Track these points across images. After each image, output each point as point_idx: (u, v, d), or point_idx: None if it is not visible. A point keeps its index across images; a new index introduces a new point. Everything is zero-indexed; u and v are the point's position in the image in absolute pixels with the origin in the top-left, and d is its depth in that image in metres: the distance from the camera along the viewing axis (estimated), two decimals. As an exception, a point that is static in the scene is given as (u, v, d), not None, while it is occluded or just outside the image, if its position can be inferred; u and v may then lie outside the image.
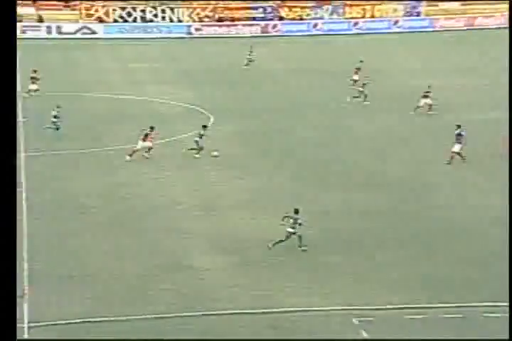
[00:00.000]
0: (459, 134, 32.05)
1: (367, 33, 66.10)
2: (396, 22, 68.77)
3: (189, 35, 64.58)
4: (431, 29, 68.18)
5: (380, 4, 69.86)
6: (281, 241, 23.75)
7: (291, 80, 48.43)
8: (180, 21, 65.92)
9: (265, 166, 32.31)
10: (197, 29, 65.38)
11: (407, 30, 67.72)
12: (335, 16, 68.33)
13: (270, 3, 67.96)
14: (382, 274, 22.50)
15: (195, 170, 31.90)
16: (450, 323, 19.74)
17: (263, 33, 65.75)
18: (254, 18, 66.51)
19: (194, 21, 66.10)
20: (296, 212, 23.93)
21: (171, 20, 65.66)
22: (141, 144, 32.69)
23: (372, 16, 69.22)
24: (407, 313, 20.20)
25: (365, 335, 19.29)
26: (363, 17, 68.74)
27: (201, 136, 33.13)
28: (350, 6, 68.86)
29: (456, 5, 71.67)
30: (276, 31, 66.21)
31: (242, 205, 28.02)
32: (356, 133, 36.98)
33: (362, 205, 27.74)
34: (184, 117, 39.93)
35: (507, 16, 67.71)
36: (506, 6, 69.13)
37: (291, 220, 23.75)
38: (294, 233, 23.74)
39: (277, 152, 34.10)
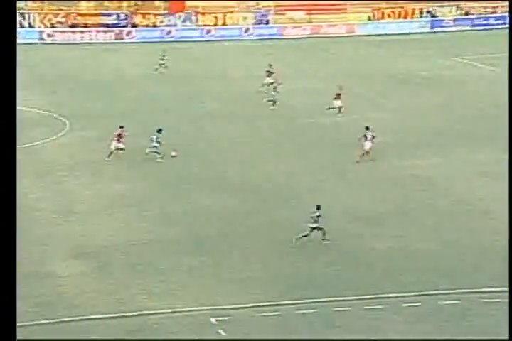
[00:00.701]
0: (365, 135, 33.00)
1: (219, 39, 66.70)
2: (247, 30, 69.74)
3: (41, 41, 63.17)
4: (279, 37, 69.51)
5: (231, 12, 70.71)
6: (305, 236, 24.42)
7: (148, 86, 48.29)
8: (31, 27, 64.38)
9: (124, 171, 32.09)
10: (49, 35, 64.02)
11: (257, 38, 68.79)
12: (188, 24, 68.68)
13: (123, 10, 67.54)
14: (238, 274, 22.77)
15: (53, 176, 31.32)
16: (304, 319, 20.21)
17: (117, 39, 65.17)
18: (107, 25, 65.82)
19: (46, 27, 64.74)
20: (318, 207, 24.62)
21: (22, 26, 63.94)
22: (115, 145, 32.64)
23: (224, 24, 69.96)
24: (262, 311, 20.54)
25: (223, 334, 19.52)
26: (216, 25, 69.37)
27: (158, 141, 32.64)
28: (203, 14, 69.39)
29: (302, 14, 73.46)
30: (130, 38, 65.80)
31: (100, 210, 27.75)
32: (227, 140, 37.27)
33: (219, 207, 27.98)
34: (39, 123, 39.06)
35: (352, 25, 70.07)
36: (347, 15, 71.58)
37: (314, 216, 24.45)
38: (315, 228, 24.41)
39: (136, 156, 33.93)
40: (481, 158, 33.33)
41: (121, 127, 33.29)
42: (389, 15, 74.46)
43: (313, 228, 24.57)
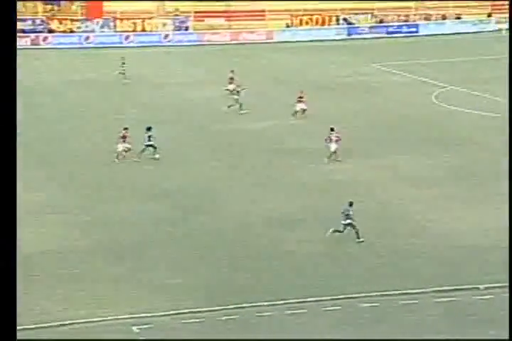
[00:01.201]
0: (330, 137, 33.44)
1: (138, 46, 66.18)
2: (166, 36, 69.38)
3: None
4: (199, 43, 69.37)
5: (150, 18, 70.26)
6: (339, 231, 24.85)
7: (67, 92, 47.57)
8: None
9: (41, 177, 31.49)
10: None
11: (177, 44, 68.52)
12: (106, 29, 67.92)
13: (39, 16, 66.41)
14: (160, 281, 22.47)
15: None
16: (226, 325, 20.06)
17: (33, 45, 64.02)
18: (23, 31, 64.58)
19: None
20: (351, 204, 25.01)
21: None
22: (122, 146, 33.40)
23: (143, 30, 69.46)
24: (185, 318, 20.30)
25: (144, 342, 19.25)
26: (134, 30, 68.83)
27: (150, 138, 33.46)
28: (121, 19, 68.78)
29: (221, 21, 73.50)
30: (47, 43, 64.72)
31: (22, 218, 27.00)
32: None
33: (143, 214, 27.63)
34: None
35: (271, 32, 70.40)
36: (266, 22, 71.89)
37: (346, 213, 24.84)
38: (348, 224, 24.82)
39: (53, 162, 33.39)
40: (399, 163, 33.75)
41: (126, 128, 33.81)
42: (306, 22, 75.15)
43: (346, 224, 24.90)
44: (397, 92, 48.86)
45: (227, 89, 44.88)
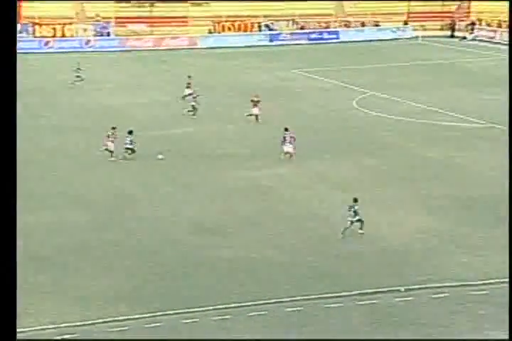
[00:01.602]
0: (284, 138, 34.39)
1: (59, 51, 65.32)
2: (88, 41, 68.66)
3: None
4: (121, 49, 68.87)
5: (70, 24, 69.47)
6: (347, 228, 25.64)
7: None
8: None
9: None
10: None
11: (99, 50, 67.89)
12: (24, 35, 66.78)
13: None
14: (84, 290, 22.16)
15: None
16: (151, 332, 19.91)
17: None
18: None
19: None
20: (355, 200, 25.84)
21: None
22: (111, 145, 34.53)
23: (63, 36, 68.58)
24: (110, 326, 20.04)
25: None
26: (54, 36, 67.91)
27: (131, 142, 34.51)
28: (40, 25, 67.76)
29: (143, 27, 73.16)
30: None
31: None
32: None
33: (68, 222, 27.23)
34: None
35: (194, 38, 70.37)
36: (188, 28, 71.79)
37: (352, 209, 25.70)
38: (358, 220, 25.62)
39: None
40: (324, 168, 34.07)
41: (114, 128, 34.88)
42: (229, 28, 75.39)
43: (357, 220, 25.67)
44: (320, 98, 49.36)
45: (184, 94, 45.27)
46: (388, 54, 68.80)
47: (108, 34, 71.15)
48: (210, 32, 74.64)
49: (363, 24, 79.40)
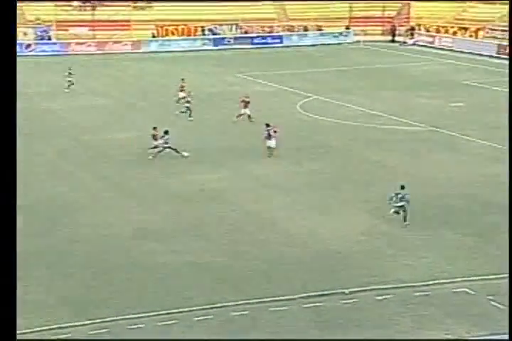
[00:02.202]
0: (269, 134, 35.49)
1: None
2: (28, 46, 67.79)
3: None
4: (63, 53, 68.17)
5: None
6: (397, 213, 26.81)
7: None
8: None
9: None
10: None
11: (40, 54, 67.08)
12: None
13: None
14: (25, 297, 21.81)
15: None
16: (97, 339, 19.71)
17: None
18: None
19: None
20: (402, 187, 26.88)
21: None
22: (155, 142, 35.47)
23: (3, 40, 67.71)
24: (54, 333, 19.74)
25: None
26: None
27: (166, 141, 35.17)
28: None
29: (85, 30, 72.54)
30: None
31: None
32: None
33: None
34: None
35: (138, 42, 69.97)
36: (131, 32, 71.36)
37: (399, 196, 26.63)
38: (401, 206, 26.66)
39: None
40: (267, 171, 34.13)
41: (155, 128, 35.92)
42: (172, 33, 75.15)
43: (400, 206, 26.69)
44: (264, 102, 49.38)
45: (179, 98, 45.65)
46: (331, 58, 69.28)
47: (49, 38, 70.31)
48: (153, 36, 74.30)
49: (305, 29, 79.91)
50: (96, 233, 26.62)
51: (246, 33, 77.88)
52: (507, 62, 63.97)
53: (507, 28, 69.59)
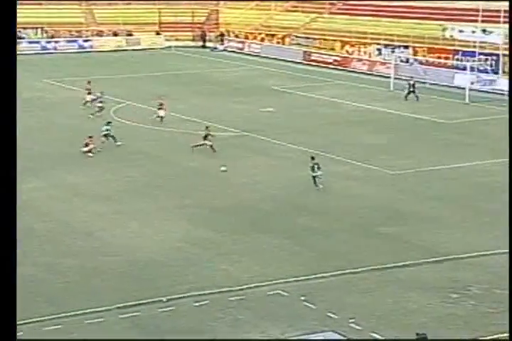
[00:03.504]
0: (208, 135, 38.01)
1: None
2: None
3: None
4: None
5: None
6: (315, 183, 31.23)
7: None
8: None
9: None
10: None
11: None
12: None
13: None
14: None
15: None
16: None
17: None
18: None
19: None
20: (312, 158, 31.38)
21: None
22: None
23: None
24: None
25: None
26: None
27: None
28: None
29: None
30: None
31: None
32: None
33: None
34: None
35: None
36: None
37: (315, 166, 30.98)
38: (315, 176, 31.02)
39: None
40: (79, 180, 33.53)
41: (90, 137, 37.12)
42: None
43: (314, 176, 30.88)
44: (74, 108, 48.54)
45: (86, 101, 46.91)
46: (142, 64, 69.09)
47: None
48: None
49: (115, 33, 79.21)
50: None
51: (53, 37, 76.21)
52: (312, 68, 66.59)
53: (311, 36, 72.46)
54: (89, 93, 47.01)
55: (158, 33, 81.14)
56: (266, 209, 30.05)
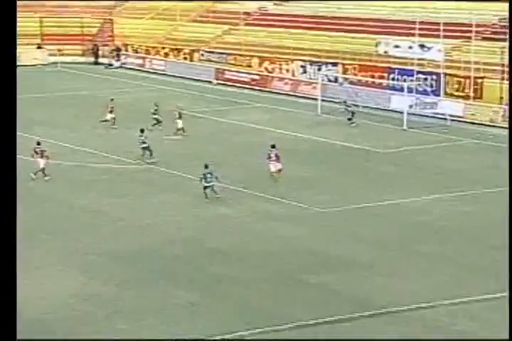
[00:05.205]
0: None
1: None
2: None
3: None
4: None
5: None
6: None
7: None
8: None
9: None
10: None
11: None
12: None
13: None
14: None
15: None
16: None
17: None
18: None
19: None
20: (206, 167, 35.28)
21: None
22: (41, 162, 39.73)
23: None
24: None
25: None
26: None
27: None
28: None
29: None
30: None
31: None
32: None
33: None
34: None
35: None
36: None
37: (214, 174, 35.27)
38: (207, 187, 35.25)
39: None
40: None
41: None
42: None
43: (206, 187, 35.02)
44: None
45: (106, 119, 51.67)
46: (20, 84, 68.14)
47: None
48: None
49: None
50: None
51: None
52: (226, 89, 67.14)
53: (223, 51, 72.92)
54: (111, 111, 52.08)
55: (39, 47, 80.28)
56: (175, 254, 30.14)
